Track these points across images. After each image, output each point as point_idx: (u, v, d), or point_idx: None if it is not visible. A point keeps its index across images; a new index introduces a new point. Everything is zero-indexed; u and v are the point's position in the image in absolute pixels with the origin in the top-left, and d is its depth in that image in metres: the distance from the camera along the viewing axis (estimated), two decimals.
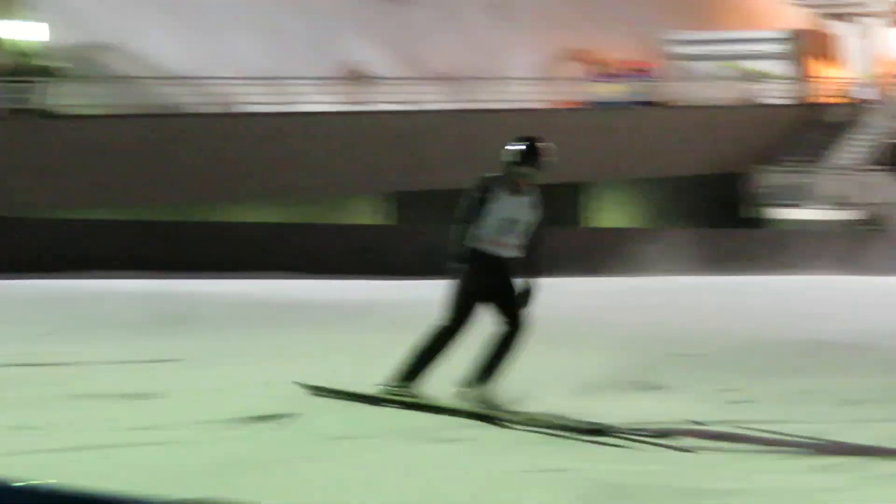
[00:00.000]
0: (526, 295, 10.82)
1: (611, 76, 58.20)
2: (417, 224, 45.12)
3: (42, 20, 46.30)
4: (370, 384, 12.75)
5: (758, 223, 54.19)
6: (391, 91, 51.73)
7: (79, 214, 39.80)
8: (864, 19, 64.23)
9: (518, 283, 10.93)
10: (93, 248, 34.08)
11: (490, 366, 10.99)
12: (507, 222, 10.61)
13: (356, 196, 47.73)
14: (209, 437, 10.98)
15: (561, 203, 49.04)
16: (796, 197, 54.26)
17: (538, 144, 10.99)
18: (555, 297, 21.88)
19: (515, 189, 10.72)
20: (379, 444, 10.38)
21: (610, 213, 54.00)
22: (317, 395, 11.79)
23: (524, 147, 10.86)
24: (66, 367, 15.66)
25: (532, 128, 45.27)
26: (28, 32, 45.91)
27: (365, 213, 48.18)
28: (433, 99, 51.46)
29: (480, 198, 10.60)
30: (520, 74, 55.97)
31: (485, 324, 11.28)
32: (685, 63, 60.00)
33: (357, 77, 51.37)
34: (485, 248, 10.61)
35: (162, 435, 10.75)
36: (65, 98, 43.07)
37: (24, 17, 45.80)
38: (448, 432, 10.67)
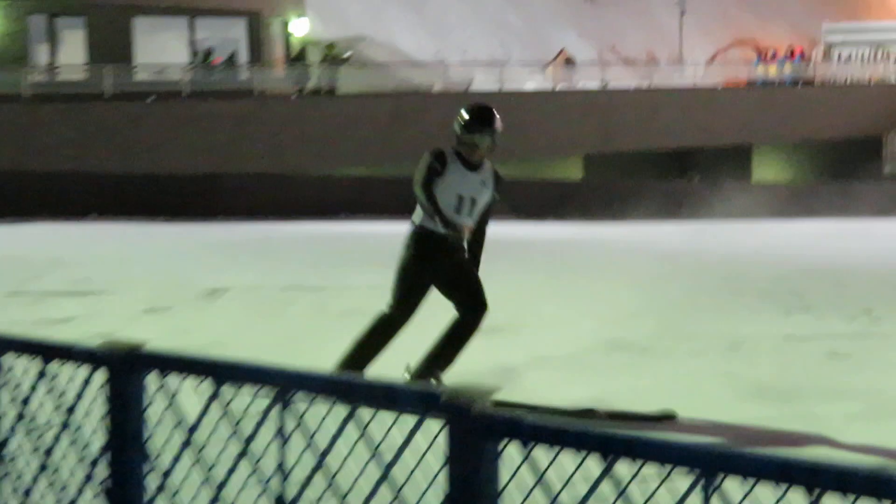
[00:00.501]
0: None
1: (770, 59, 57.75)
2: (604, 179, 47.47)
3: (310, 16, 48.72)
4: None
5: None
6: (589, 74, 52.67)
7: (340, 172, 42.26)
8: None
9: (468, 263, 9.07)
10: (353, 198, 36.61)
11: (439, 355, 9.14)
12: (466, 201, 8.58)
13: (559, 157, 49.22)
14: None
15: (734, 161, 52.72)
16: None
17: (487, 109, 8.93)
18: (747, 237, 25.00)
19: (469, 164, 8.61)
20: None
21: (774, 171, 54.91)
22: None
23: (473, 113, 8.78)
24: (325, 291, 16.80)
25: (704, 103, 50.20)
26: (302, 27, 48.01)
27: (565, 170, 49.46)
28: (623, 79, 52.43)
29: (435, 167, 8.48)
30: (696, 59, 58.49)
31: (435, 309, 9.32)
32: (837, 48, 58.92)
33: (564, 62, 54.53)
34: (438, 229, 8.49)
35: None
36: (336, 80, 44.94)
37: (298, 14, 47.94)
38: None
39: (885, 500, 2.52)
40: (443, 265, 8.97)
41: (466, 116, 8.65)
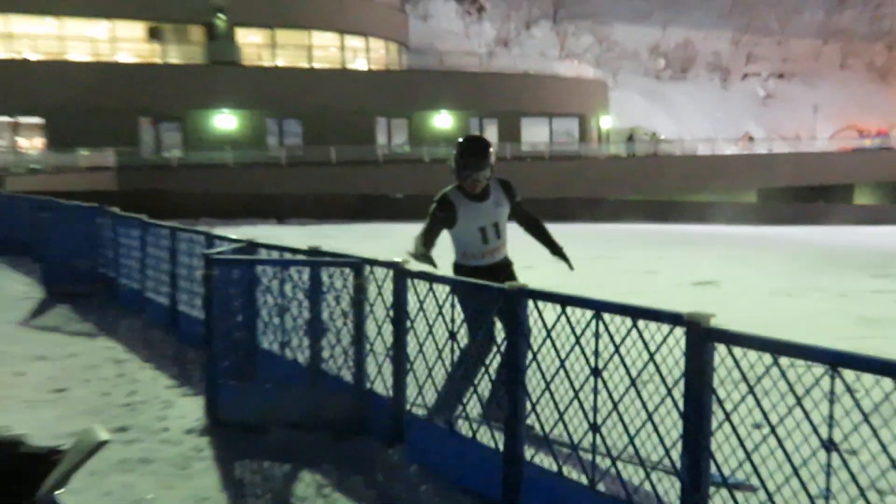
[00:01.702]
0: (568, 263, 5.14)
1: (866, 136, 52.72)
2: (768, 203, 42.68)
3: (612, 115, 47.42)
4: None
5: None
6: (762, 145, 49.26)
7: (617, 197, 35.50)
8: None
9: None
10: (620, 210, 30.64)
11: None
12: (489, 229, 5.06)
13: (747, 190, 44.61)
14: None
15: (844, 192, 50.95)
16: None
17: (476, 141, 5.18)
18: None
19: (474, 195, 5.02)
20: None
21: (867, 198, 49.47)
22: None
23: (464, 149, 5.05)
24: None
25: (826, 159, 47.25)
26: (606, 121, 45.94)
27: (748, 197, 44.34)
28: (780, 148, 49.06)
29: (442, 216, 4.98)
30: (823, 136, 56.06)
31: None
32: None
33: (748, 139, 52.04)
34: (479, 262, 5.04)
35: None
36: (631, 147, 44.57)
37: (605, 114, 47.20)
38: None
39: None
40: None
41: (459, 156, 4.94)
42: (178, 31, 36.08)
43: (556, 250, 5.15)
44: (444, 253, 4.80)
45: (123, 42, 34.93)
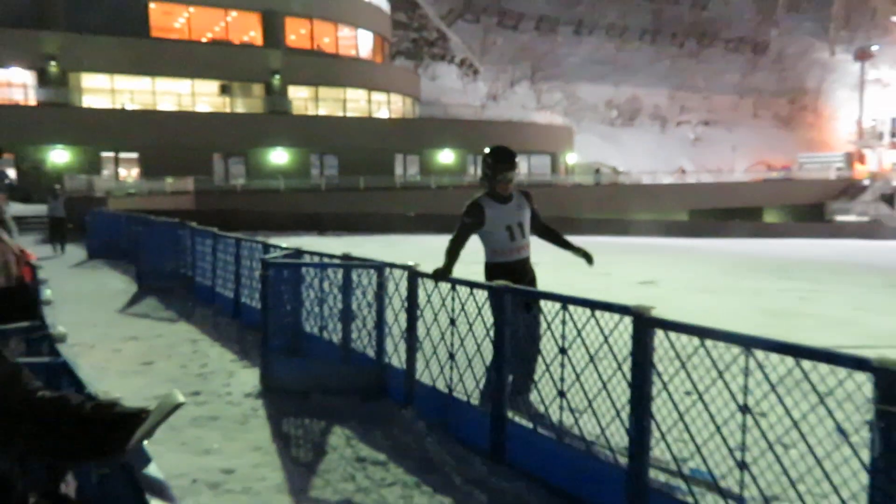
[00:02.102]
0: (588, 256, 4.69)
1: (773, 170, 52.09)
2: (698, 220, 41.51)
3: (576, 152, 46.90)
4: None
5: None
6: (696, 176, 48.42)
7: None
8: None
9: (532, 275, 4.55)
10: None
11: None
12: (515, 227, 4.48)
13: (676, 210, 43.69)
14: None
15: (755, 213, 50.84)
16: None
17: (507, 149, 4.67)
18: None
19: (501, 198, 4.48)
20: None
21: (774, 217, 48.41)
22: None
23: (498, 155, 4.57)
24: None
25: (743, 188, 46.76)
26: (571, 158, 44.93)
27: (678, 216, 43.41)
28: (706, 178, 48.66)
29: (470, 221, 4.45)
30: (740, 170, 56.06)
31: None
32: (805, 166, 52.42)
33: (682, 171, 51.35)
34: (507, 258, 4.46)
35: None
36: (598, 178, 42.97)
37: (570, 151, 45.50)
38: None
39: (808, 361, 2.33)
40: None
41: (492, 160, 4.50)
42: (243, 87, 36.31)
43: (575, 250, 4.64)
44: (469, 258, 4.59)
45: (201, 96, 35.14)
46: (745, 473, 2.56)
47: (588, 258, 4.66)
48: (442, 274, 4.34)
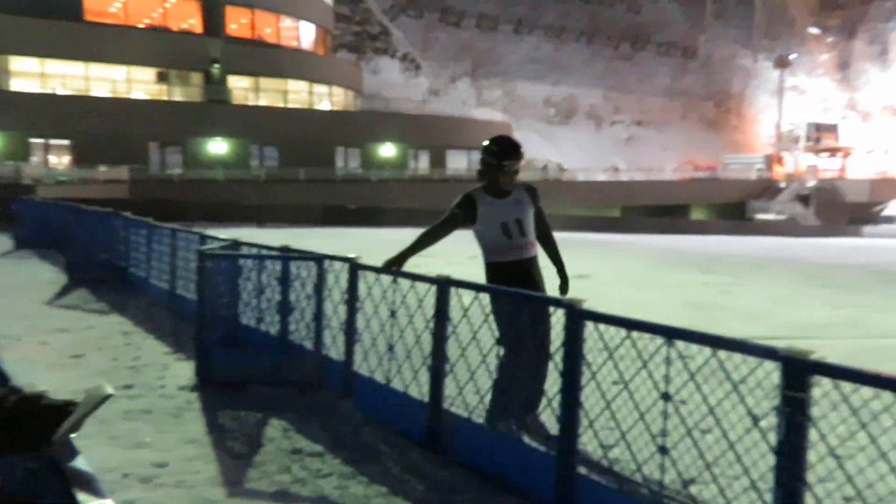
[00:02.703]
0: (565, 286, 4.00)
1: (700, 169, 53.47)
2: (629, 216, 42.97)
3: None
4: None
5: None
6: (629, 174, 50.31)
7: None
8: None
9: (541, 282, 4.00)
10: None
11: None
12: (511, 224, 3.88)
13: (607, 207, 45.66)
14: None
15: (682, 210, 52.56)
16: None
17: (511, 139, 4.09)
18: None
19: (499, 192, 3.91)
20: None
21: (700, 215, 50.34)
22: None
23: (503, 144, 4.00)
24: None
25: (671, 186, 47.70)
26: None
27: (611, 212, 45.49)
28: (638, 177, 51.94)
29: (461, 213, 3.91)
30: (670, 168, 57.81)
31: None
32: (729, 166, 53.98)
33: (614, 169, 53.22)
34: (503, 258, 3.89)
35: None
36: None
37: None
38: None
39: (733, 353, 2.45)
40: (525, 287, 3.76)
41: (497, 148, 3.93)
42: (181, 75, 35.21)
43: (560, 271, 4.05)
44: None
45: (137, 83, 33.92)
46: (665, 458, 2.66)
47: (564, 287, 3.99)
48: (393, 261, 3.94)
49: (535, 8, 63.43)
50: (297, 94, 38.55)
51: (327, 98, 40.10)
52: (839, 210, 48.04)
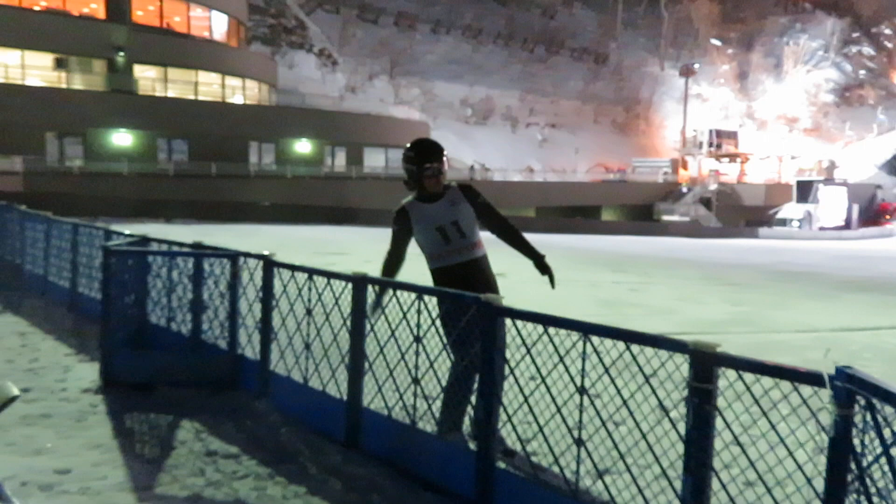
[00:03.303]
0: (542, 269, 4.03)
1: (610, 172, 59.32)
2: (543, 217, 46.59)
3: None
4: None
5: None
6: (541, 175, 50.90)
7: None
8: None
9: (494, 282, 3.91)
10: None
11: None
12: (448, 228, 3.70)
13: (525, 206, 47.88)
14: None
15: (594, 212, 54.42)
16: None
17: (429, 140, 3.89)
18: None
19: (429, 197, 3.73)
20: None
21: (612, 216, 54.95)
22: None
23: (421, 147, 3.80)
24: None
25: (583, 188, 48.91)
26: None
27: (527, 212, 50.18)
28: (552, 178, 55.43)
29: (397, 228, 3.79)
30: (581, 170, 60.07)
31: None
32: (637, 168, 56.59)
33: (530, 169, 55.59)
34: (445, 262, 3.73)
35: None
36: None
37: None
38: None
39: (645, 347, 2.56)
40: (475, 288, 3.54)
41: (414, 153, 3.76)
42: (82, 63, 33.30)
43: (532, 255, 3.96)
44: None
45: (32, 69, 31.89)
46: (581, 449, 2.75)
47: (551, 280, 4.01)
48: (375, 304, 3.65)
49: (452, 9, 63.90)
50: (208, 86, 37.28)
51: (240, 91, 39.01)
52: (738, 213, 50.83)
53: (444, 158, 3.80)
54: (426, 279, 3.75)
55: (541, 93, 65.43)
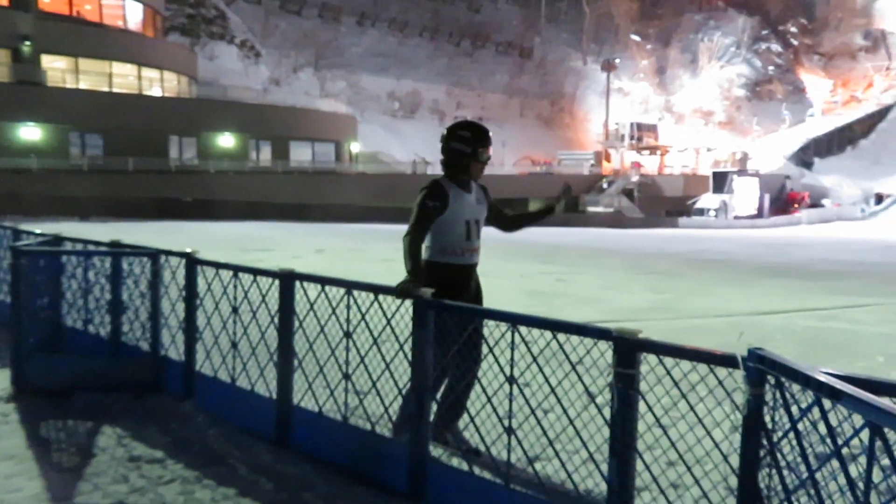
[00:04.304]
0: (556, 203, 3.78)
1: (538, 164, 60.70)
2: None
3: (359, 141, 48.92)
4: None
5: None
6: None
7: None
8: None
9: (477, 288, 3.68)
10: (353, 213, 35.75)
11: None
12: (472, 224, 3.55)
13: None
14: None
15: (523, 204, 55.48)
16: None
17: (480, 125, 3.66)
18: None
19: (467, 185, 3.54)
20: None
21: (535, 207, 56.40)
22: None
23: (475, 128, 3.58)
24: (361, 250, 15.69)
25: (512, 181, 49.61)
26: (355, 147, 46.40)
27: None
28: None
29: (433, 205, 3.41)
30: (509, 163, 60.72)
31: None
32: (563, 161, 57.49)
33: None
34: (458, 260, 3.54)
35: None
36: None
37: (353, 141, 47.04)
38: None
39: (571, 335, 2.63)
40: (462, 298, 3.49)
41: (469, 133, 3.51)
42: None
43: (546, 210, 3.84)
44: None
45: None
46: (511, 438, 2.80)
47: (551, 208, 3.81)
48: (412, 286, 3.17)
49: (377, 1, 63.41)
50: (123, 77, 35.77)
51: (158, 83, 37.63)
52: (659, 203, 52.55)
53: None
54: (355, 273, 3.74)
55: (467, 86, 65.80)
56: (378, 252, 15.37)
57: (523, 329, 2.79)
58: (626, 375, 2.36)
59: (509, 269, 12.59)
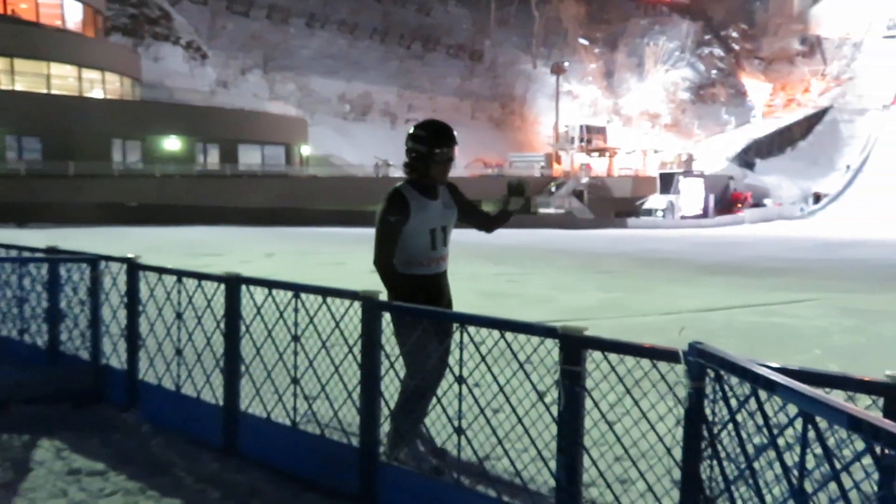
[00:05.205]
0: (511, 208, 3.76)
1: (490, 167, 61.62)
2: None
3: (309, 145, 48.88)
4: None
5: None
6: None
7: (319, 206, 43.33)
8: None
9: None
10: (326, 217, 36.56)
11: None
12: (438, 232, 3.33)
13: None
14: None
15: None
16: None
17: (441, 122, 3.42)
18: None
19: (429, 191, 3.29)
20: None
21: None
22: None
23: (433, 127, 3.34)
24: (312, 254, 16.44)
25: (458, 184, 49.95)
26: (305, 150, 44.98)
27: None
28: None
29: (396, 219, 3.20)
30: (461, 165, 60.49)
31: None
32: (514, 163, 58.80)
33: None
34: (424, 270, 3.31)
35: None
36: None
37: (304, 144, 45.40)
38: None
39: (519, 334, 2.65)
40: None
41: (426, 133, 3.31)
42: None
43: (508, 215, 3.76)
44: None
45: None
46: (461, 437, 2.80)
47: (508, 213, 3.76)
48: (393, 284, 3.21)
49: (327, 3, 62.96)
50: (62, 79, 34.68)
51: (100, 85, 36.57)
52: (608, 204, 53.40)
53: (456, 146, 3.37)
54: (305, 276, 3.70)
55: (419, 89, 65.80)
56: (329, 255, 15.24)
57: (472, 329, 2.80)
58: (572, 372, 2.38)
59: (461, 271, 12.48)
